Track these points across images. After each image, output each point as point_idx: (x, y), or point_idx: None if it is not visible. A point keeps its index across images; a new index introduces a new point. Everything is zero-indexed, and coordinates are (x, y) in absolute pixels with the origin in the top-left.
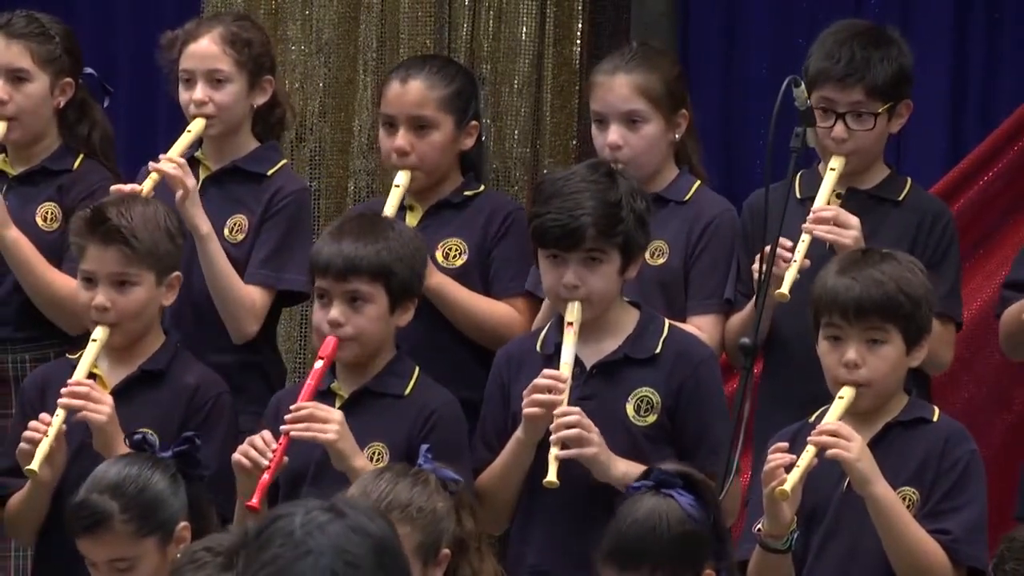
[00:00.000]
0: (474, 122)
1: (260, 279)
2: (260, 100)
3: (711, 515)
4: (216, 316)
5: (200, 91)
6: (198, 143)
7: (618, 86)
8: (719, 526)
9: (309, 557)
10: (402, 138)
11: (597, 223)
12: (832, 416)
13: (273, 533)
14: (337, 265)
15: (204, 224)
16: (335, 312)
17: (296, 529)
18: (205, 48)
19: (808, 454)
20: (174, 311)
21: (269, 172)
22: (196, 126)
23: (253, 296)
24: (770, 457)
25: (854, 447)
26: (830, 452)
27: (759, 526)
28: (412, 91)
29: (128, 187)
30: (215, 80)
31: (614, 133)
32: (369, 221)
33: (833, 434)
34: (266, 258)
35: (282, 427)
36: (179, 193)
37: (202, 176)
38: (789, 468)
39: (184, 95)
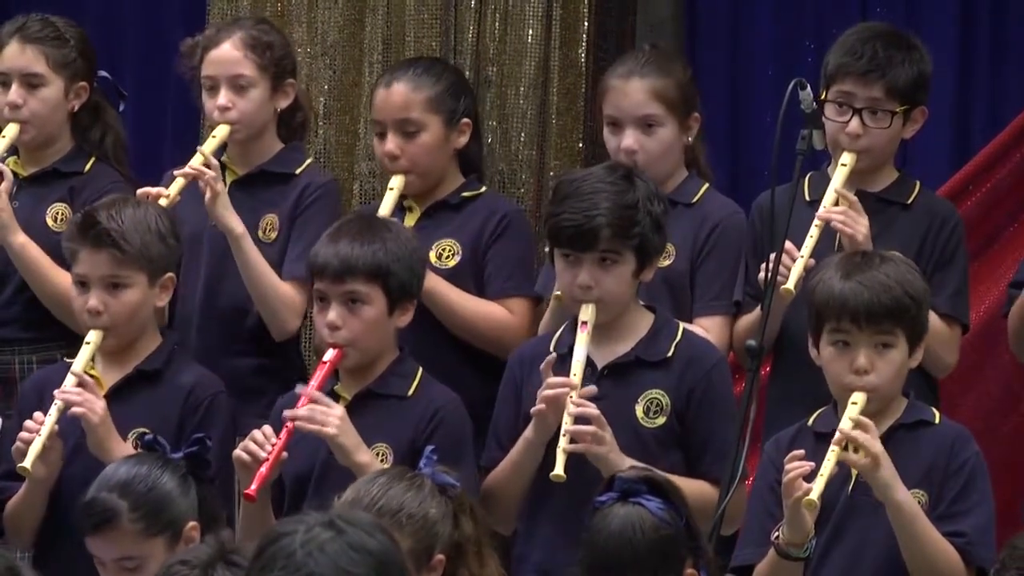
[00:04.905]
0: (466, 119)
1: (297, 274)
2: (283, 103)
3: (682, 514)
4: (241, 321)
5: (224, 97)
6: (222, 148)
7: (633, 91)
8: (690, 524)
9: None
10: (391, 143)
11: (612, 224)
12: (847, 423)
13: (275, 554)
14: (333, 266)
15: (238, 225)
16: (332, 315)
17: (297, 550)
18: (227, 54)
19: (830, 462)
20: (200, 317)
21: (297, 171)
22: (221, 131)
23: (292, 291)
24: (788, 467)
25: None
26: (852, 461)
27: (777, 534)
28: (396, 95)
29: (155, 190)
30: (238, 86)
31: (630, 138)
32: (366, 222)
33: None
34: (301, 253)
35: (284, 413)
36: (208, 195)
37: (228, 181)
38: (807, 477)
39: (208, 102)
